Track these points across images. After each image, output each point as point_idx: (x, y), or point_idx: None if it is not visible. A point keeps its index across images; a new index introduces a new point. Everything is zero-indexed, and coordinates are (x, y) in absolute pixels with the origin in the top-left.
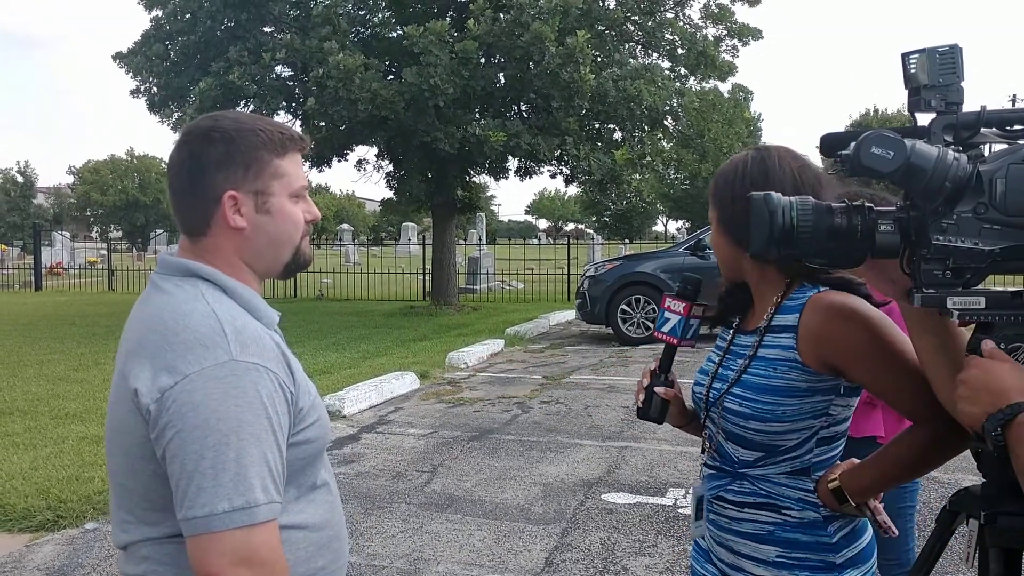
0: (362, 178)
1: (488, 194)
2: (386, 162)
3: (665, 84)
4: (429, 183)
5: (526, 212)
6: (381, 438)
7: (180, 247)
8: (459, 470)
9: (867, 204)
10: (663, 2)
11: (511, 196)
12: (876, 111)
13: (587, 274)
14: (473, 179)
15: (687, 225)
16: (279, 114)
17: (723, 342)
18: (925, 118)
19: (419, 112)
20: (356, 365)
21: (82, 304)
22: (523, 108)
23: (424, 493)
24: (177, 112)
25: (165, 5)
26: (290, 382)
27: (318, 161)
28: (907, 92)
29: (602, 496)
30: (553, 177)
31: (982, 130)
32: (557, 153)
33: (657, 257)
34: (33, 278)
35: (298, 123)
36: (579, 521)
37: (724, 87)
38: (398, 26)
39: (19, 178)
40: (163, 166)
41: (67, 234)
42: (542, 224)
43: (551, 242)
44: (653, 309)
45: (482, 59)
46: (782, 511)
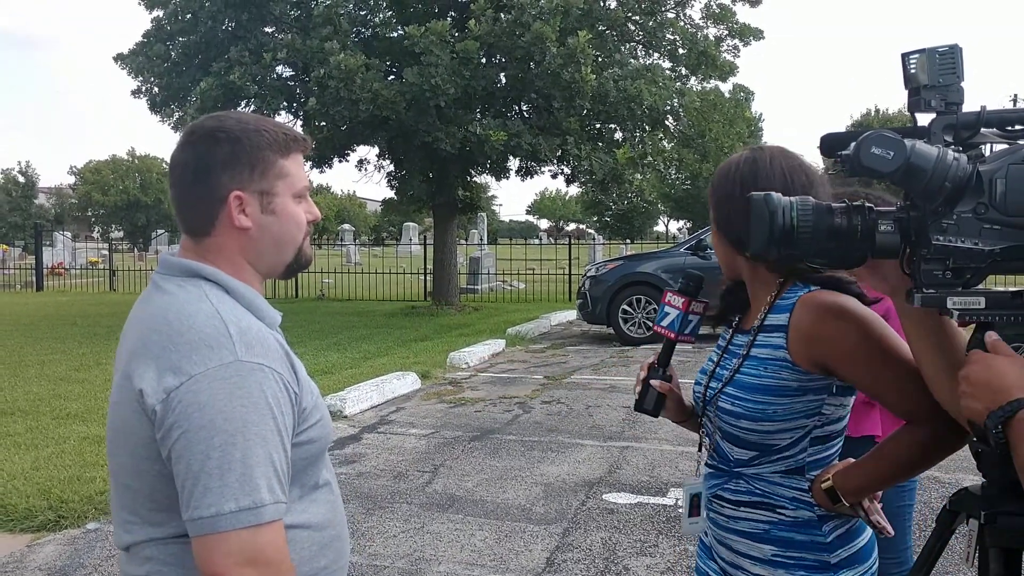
0: (363, 178)
1: (489, 194)
2: (387, 162)
3: (666, 84)
4: (430, 183)
5: (527, 212)
6: (382, 438)
7: (182, 247)
8: (460, 470)
9: (867, 204)
10: (664, 2)
11: (512, 196)
12: (877, 111)
13: (588, 274)
14: (474, 179)
15: (688, 225)
16: (280, 114)
17: (724, 341)
18: (925, 118)
19: (420, 112)
20: (357, 365)
21: (83, 304)
22: (524, 108)
23: (425, 493)
24: (178, 112)
25: (166, 5)
26: (294, 382)
27: (319, 161)
28: (907, 92)
29: (603, 496)
30: (554, 177)
31: (982, 130)
32: (558, 153)
33: (658, 257)
34: (34, 278)
35: (299, 123)
36: (580, 521)
37: (725, 87)
38: (399, 26)
39: (20, 178)
40: (164, 166)
41: (68, 234)
42: (543, 224)
43: (552, 242)
44: (654, 309)
45: (483, 59)
46: (777, 510)
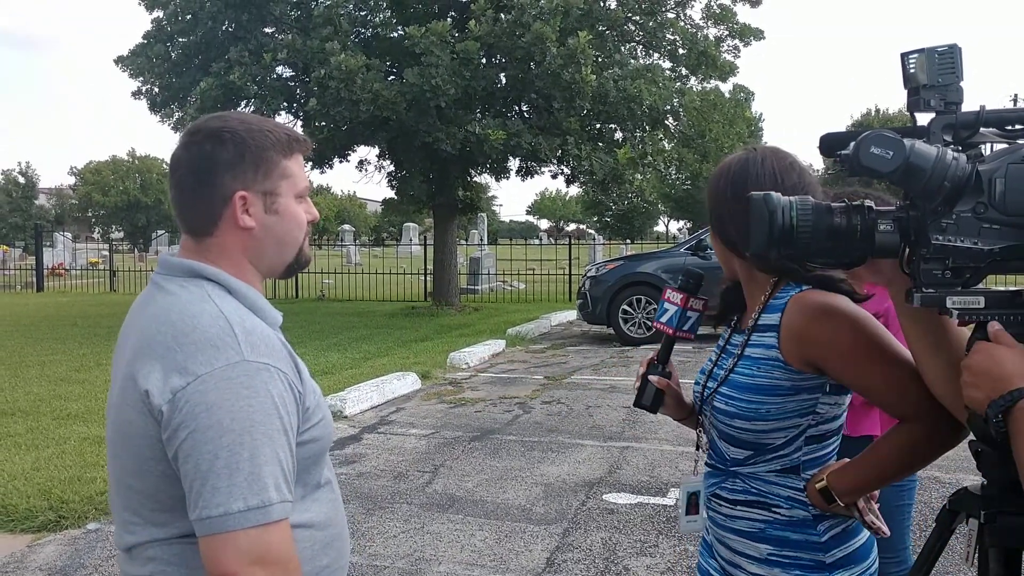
0: (363, 178)
1: (489, 194)
2: (387, 162)
3: (666, 84)
4: (430, 183)
5: (527, 212)
6: (382, 438)
7: (182, 247)
8: (460, 470)
9: (866, 204)
10: (664, 2)
11: (512, 196)
12: (877, 111)
13: (588, 274)
14: (474, 179)
15: (688, 225)
16: (280, 114)
17: (723, 341)
18: (925, 118)
19: (420, 113)
20: (358, 365)
21: (84, 305)
22: (524, 108)
23: (425, 493)
24: (178, 112)
25: (166, 6)
26: (298, 382)
27: (320, 161)
28: (907, 92)
29: (603, 496)
30: (554, 177)
31: (981, 130)
32: (558, 153)
33: (658, 257)
34: (35, 279)
35: (299, 123)
36: (580, 521)
37: (725, 87)
38: (399, 26)
39: (21, 179)
40: (165, 167)
41: (69, 235)
42: (543, 224)
43: (552, 242)
44: (654, 309)
45: (483, 59)
46: (772, 509)
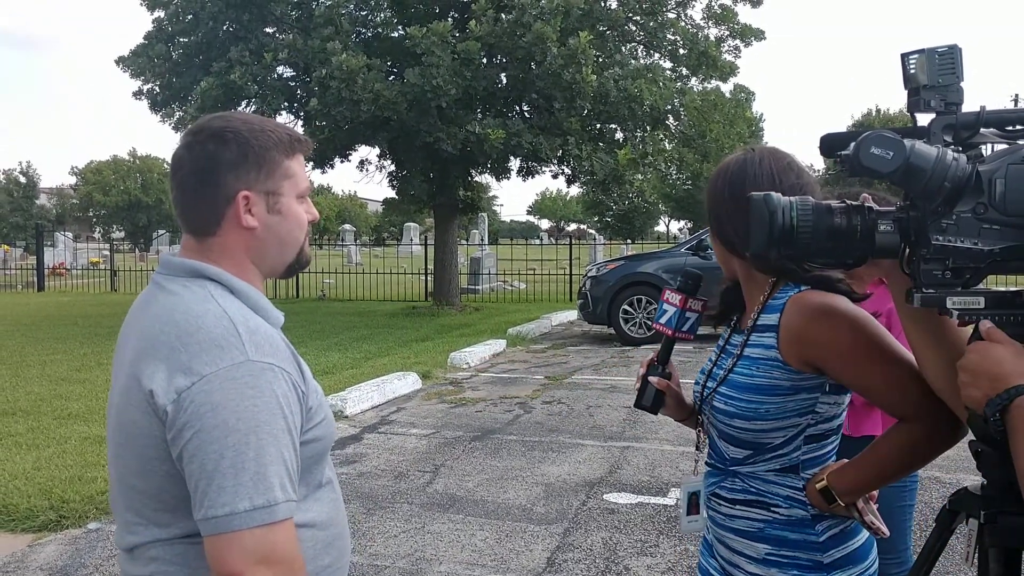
0: (364, 178)
1: (490, 194)
2: (388, 162)
3: (667, 84)
4: (431, 183)
5: (528, 212)
6: (383, 438)
7: (183, 247)
8: (461, 470)
9: (866, 204)
10: (665, 3)
11: (513, 196)
12: (878, 111)
13: (589, 274)
14: (475, 179)
15: (689, 225)
16: (281, 114)
17: (723, 341)
18: (925, 118)
19: (421, 113)
20: (358, 365)
21: (85, 304)
22: (525, 108)
23: (426, 493)
24: (179, 112)
25: (167, 6)
26: (301, 382)
27: (321, 161)
28: (907, 92)
29: (604, 496)
30: (555, 177)
31: (981, 130)
32: (559, 153)
33: (659, 257)
34: (36, 279)
35: (300, 123)
36: (581, 521)
37: (726, 87)
38: (400, 26)
39: (22, 179)
40: (165, 167)
41: (69, 235)
42: (544, 224)
43: (553, 242)
44: (655, 309)
45: (484, 60)
46: (771, 508)
